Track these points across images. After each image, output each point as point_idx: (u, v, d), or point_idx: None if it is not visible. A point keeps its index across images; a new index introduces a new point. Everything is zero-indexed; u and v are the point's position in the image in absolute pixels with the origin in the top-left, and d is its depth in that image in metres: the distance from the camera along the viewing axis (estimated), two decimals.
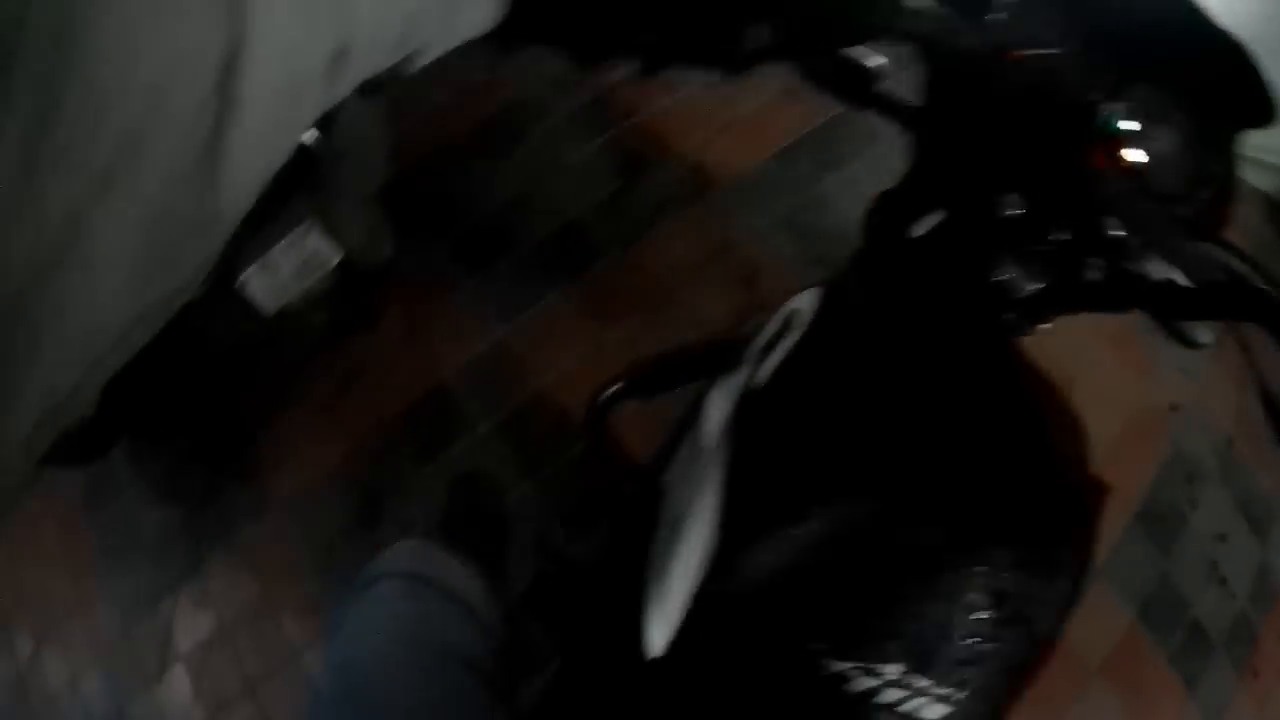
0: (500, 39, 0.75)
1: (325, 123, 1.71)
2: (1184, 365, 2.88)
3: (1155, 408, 2.81)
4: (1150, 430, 2.78)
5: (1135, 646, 2.58)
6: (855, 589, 0.91)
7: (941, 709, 0.90)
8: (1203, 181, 0.87)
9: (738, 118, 2.74)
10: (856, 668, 0.89)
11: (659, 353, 1.18)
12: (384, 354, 2.21)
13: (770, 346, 1.00)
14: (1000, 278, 0.88)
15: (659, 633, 0.91)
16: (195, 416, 2.11)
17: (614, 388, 1.20)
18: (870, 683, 0.89)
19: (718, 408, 0.99)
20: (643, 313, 2.29)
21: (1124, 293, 0.85)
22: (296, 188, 1.76)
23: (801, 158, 2.67)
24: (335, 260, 1.88)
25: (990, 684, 0.92)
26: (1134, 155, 0.84)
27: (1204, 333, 0.86)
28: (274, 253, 1.79)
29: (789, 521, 0.91)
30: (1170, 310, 0.84)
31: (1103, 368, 2.77)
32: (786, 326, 1.01)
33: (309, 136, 1.65)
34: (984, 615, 0.92)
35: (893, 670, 0.89)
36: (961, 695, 0.91)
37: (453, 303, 2.30)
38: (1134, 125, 0.85)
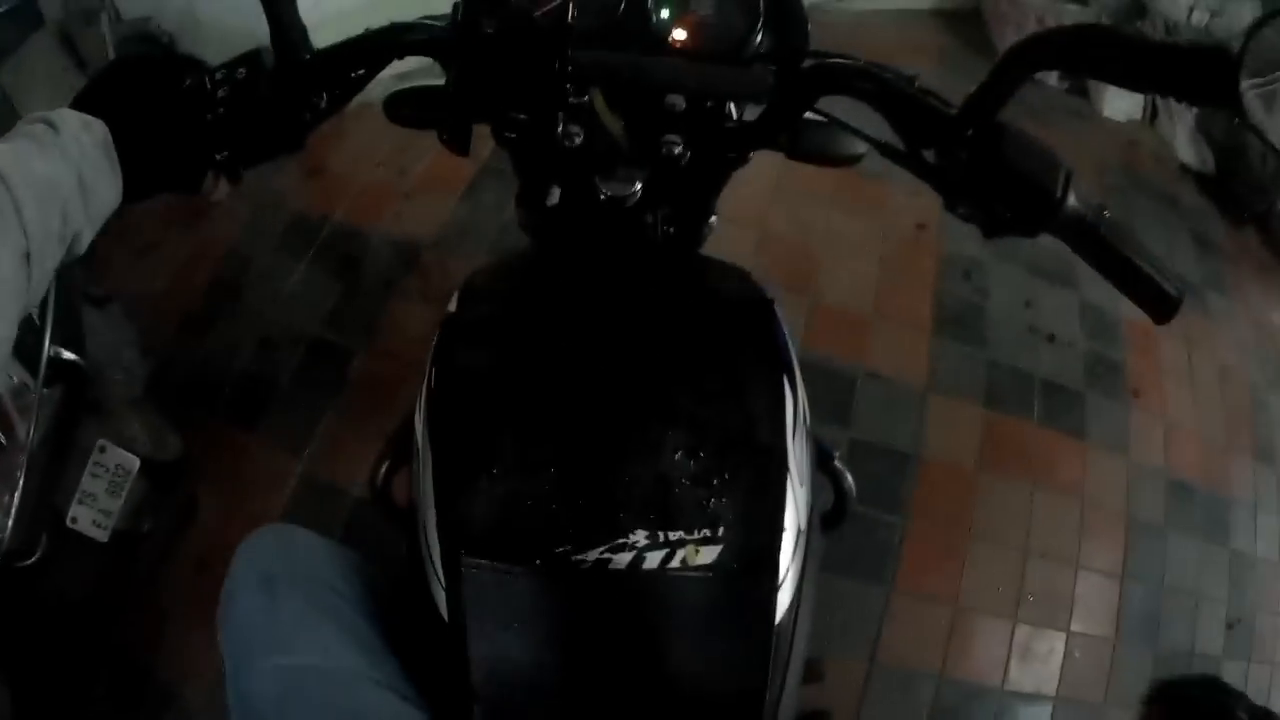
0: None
1: (78, 344, 1.87)
2: (914, 190, 3.05)
3: (905, 234, 2.96)
4: (910, 254, 2.93)
5: (1001, 431, 2.70)
6: (566, 484, 0.97)
7: (711, 551, 0.96)
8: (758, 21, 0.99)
9: (416, 178, 2.91)
10: (605, 550, 0.96)
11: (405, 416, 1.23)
12: (211, 537, 2.25)
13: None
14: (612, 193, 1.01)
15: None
16: (82, 663, 2.09)
17: (384, 465, 1.24)
18: (627, 557, 0.95)
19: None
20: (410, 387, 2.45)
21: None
22: (78, 414, 1.81)
23: (486, 190, 2.84)
24: (136, 465, 1.95)
25: (749, 510, 0.99)
26: (680, 33, 0.98)
27: (857, 144, 1.03)
28: (85, 482, 1.85)
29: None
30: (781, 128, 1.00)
31: (843, 217, 2.96)
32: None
33: (69, 358, 1.81)
34: (694, 453, 0.99)
35: (640, 537, 0.96)
36: (722, 531, 0.97)
37: (249, 463, 2.38)
38: (666, 10, 0.97)
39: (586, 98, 0.97)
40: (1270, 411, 3.29)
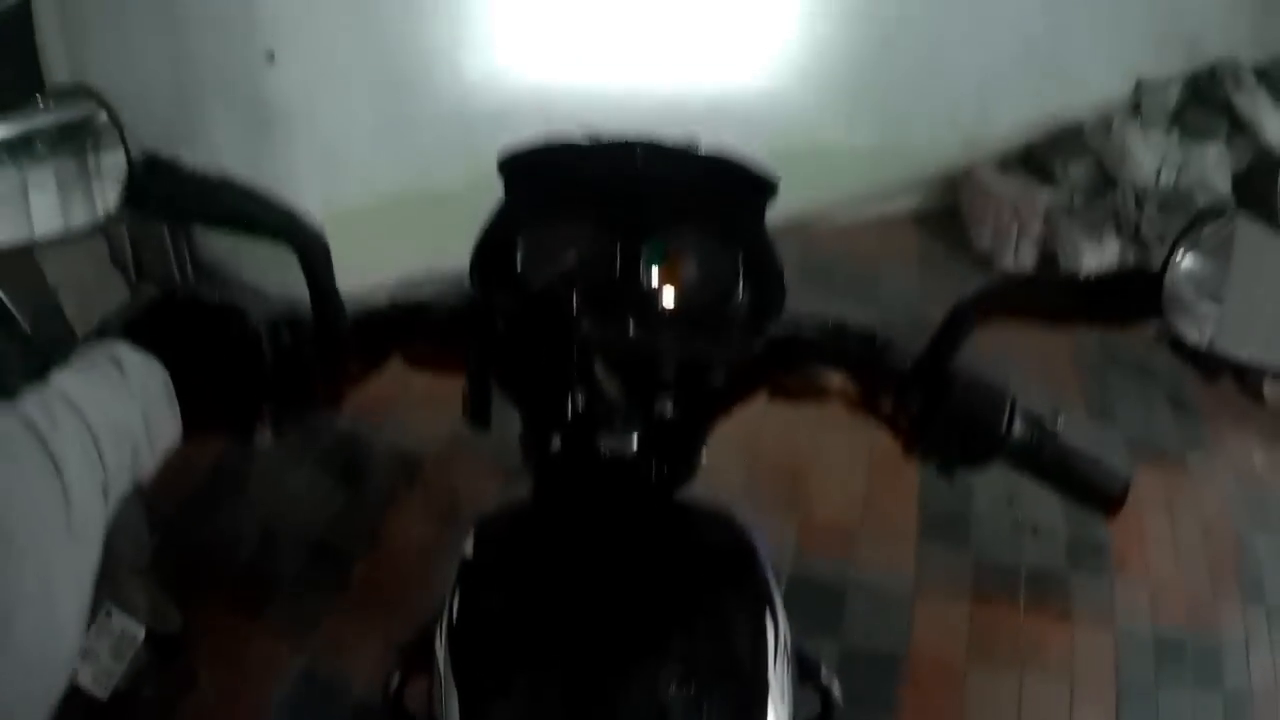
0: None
1: None
2: None
3: (889, 444, 3.25)
4: (894, 464, 3.21)
5: (988, 622, 2.96)
6: (575, 714, 1.09)
7: None
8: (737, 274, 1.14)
9: (419, 390, 3.19)
10: None
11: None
12: (209, 712, 2.39)
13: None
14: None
15: None
16: None
17: (396, 676, 1.30)
18: None
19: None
20: (412, 592, 2.59)
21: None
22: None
23: None
24: (141, 634, 2.04)
25: None
26: (668, 298, 1.13)
27: (832, 379, 1.16)
28: (89, 641, 1.93)
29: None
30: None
31: (829, 435, 3.15)
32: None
33: None
34: (686, 686, 1.09)
35: None
36: None
37: (249, 649, 2.52)
38: (655, 277, 1.13)
39: (590, 367, 1.08)
40: (1256, 551, 3.47)
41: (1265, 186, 4.76)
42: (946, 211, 4.54)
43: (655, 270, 1.13)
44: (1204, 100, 4.99)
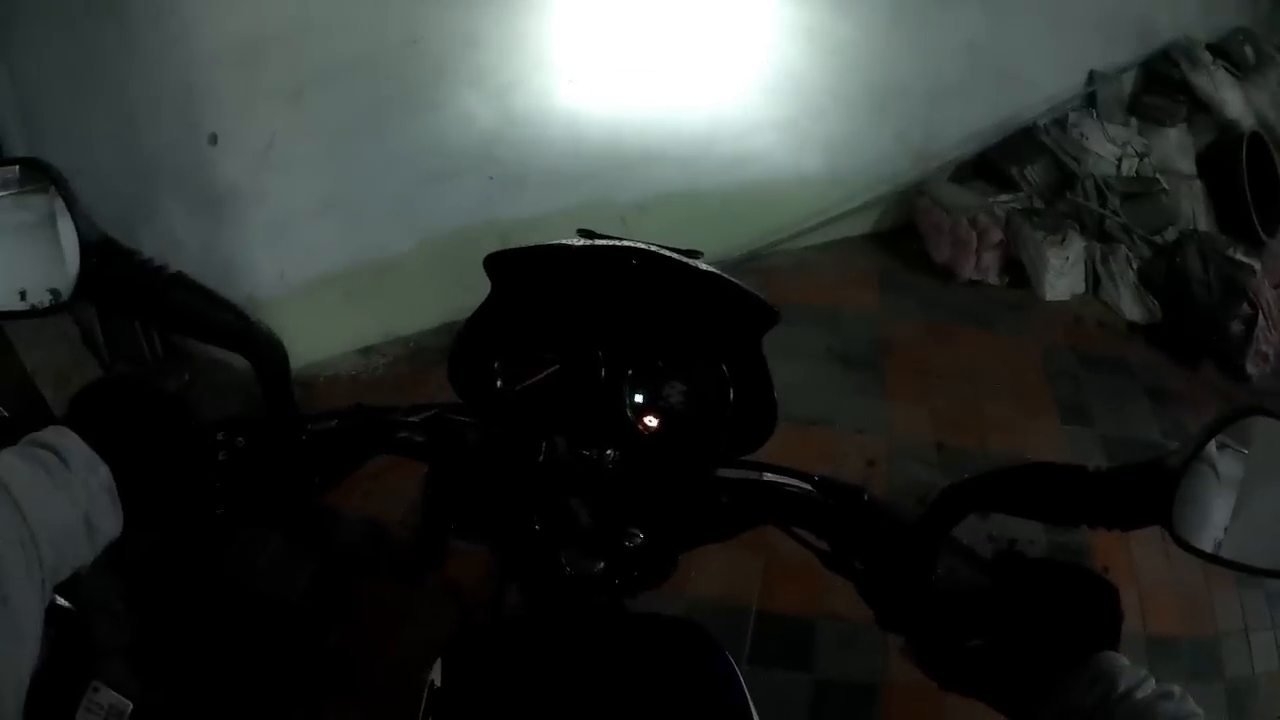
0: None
1: (69, 590, 2.00)
2: (860, 427, 3.43)
3: (856, 473, 3.25)
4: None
5: None
6: None
7: None
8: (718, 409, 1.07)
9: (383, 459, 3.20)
10: None
11: None
12: None
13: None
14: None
15: None
16: None
17: None
18: None
19: None
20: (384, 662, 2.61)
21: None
22: (72, 655, 1.74)
23: None
24: (129, 708, 1.85)
25: None
26: (650, 421, 1.07)
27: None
28: (79, 717, 1.78)
29: None
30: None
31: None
32: None
33: (63, 604, 1.95)
34: None
35: None
36: None
37: None
38: (641, 397, 1.06)
39: (562, 488, 1.06)
40: None
41: (1230, 161, 4.75)
42: (904, 229, 4.54)
43: (639, 394, 1.08)
44: (1160, 84, 5.00)
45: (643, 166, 3.76)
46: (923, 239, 4.39)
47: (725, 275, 1.07)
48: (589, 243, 1.09)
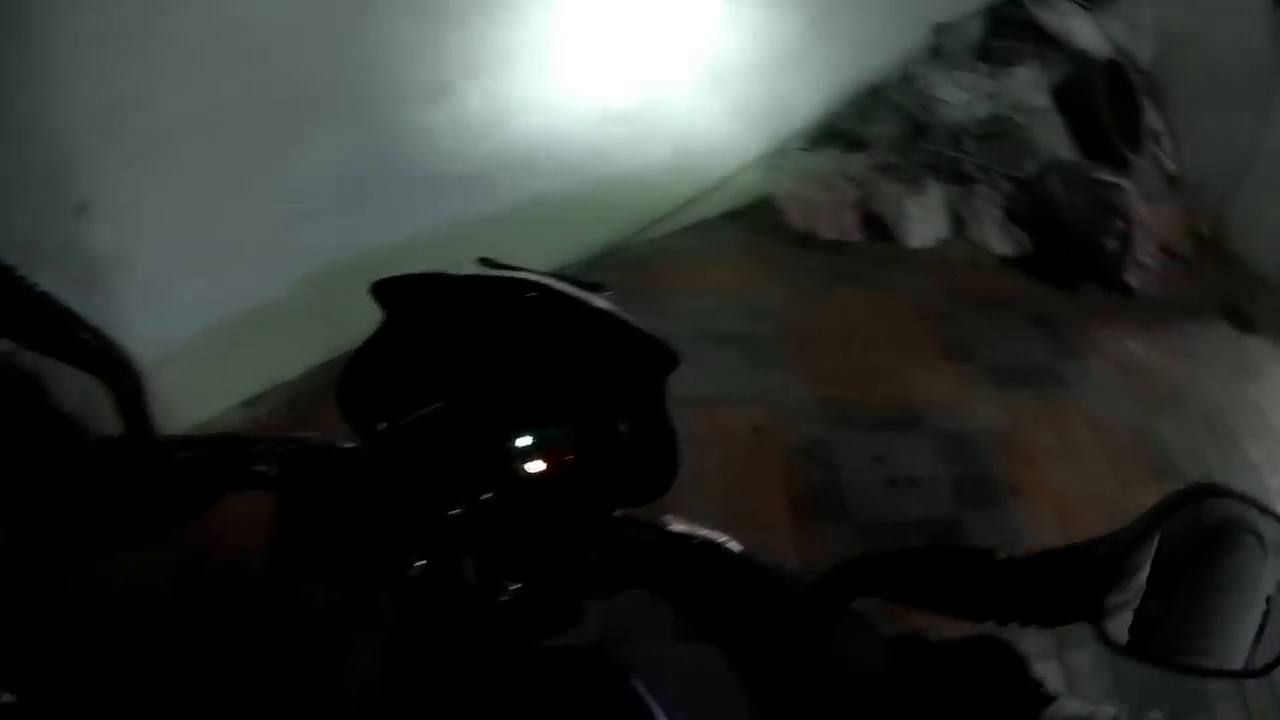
0: None
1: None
2: (741, 398, 3.39)
3: (742, 442, 3.26)
4: (752, 460, 3.23)
5: None
6: None
7: None
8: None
9: None
10: None
11: None
12: None
13: None
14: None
15: None
16: None
17: None
18: None
19: None
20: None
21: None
22: None
23: None
24: (8, 698, 2.12)
25: None
26: (534, 466, 1.00)
27: None
28: None
29: None
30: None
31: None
32: None
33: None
34: None
35: None
36: None
37: None
38: (528, 440, 0.99)
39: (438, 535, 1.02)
40: (1159, 435, 3.50)
41: (1086, 91, 4.82)
42: (761, 203, 4.53)
43: (525, 437, 1.01)
44: (1007, 26, 5.07)
45: (495, 178, 3.78)
46: (780, 210, 4.40)
47: (619, 315, 0.99)
48: (481, 272, 1.02)
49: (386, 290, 1.02)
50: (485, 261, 1.06)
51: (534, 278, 1.00)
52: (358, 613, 1.08)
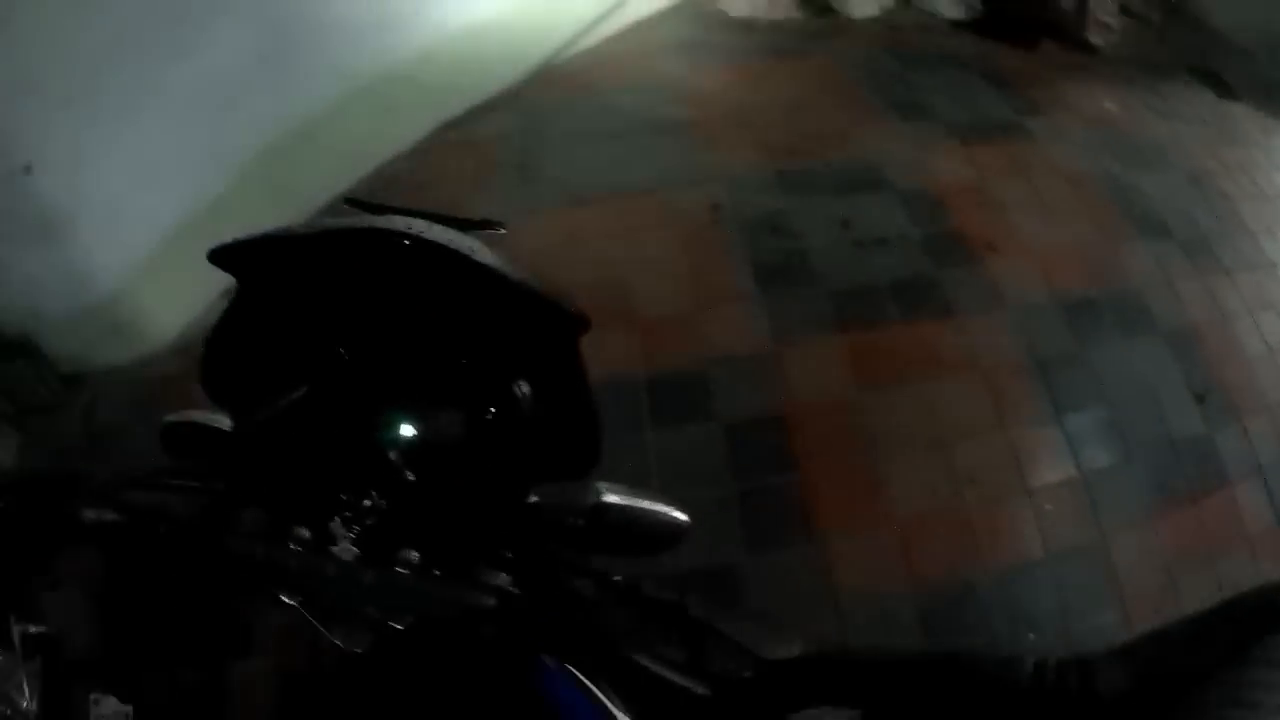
0: None
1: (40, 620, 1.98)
2: (694, 179, 3.18)
3: (701, 222, 3.06)
4: (713, 237, 3.02)
5: (866, 348, 2.72)
6: None
7: None
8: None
9: None
10: None
11: None
12: None
13: None
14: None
15: None
16: None
17: None
18: None
19: None
20: None
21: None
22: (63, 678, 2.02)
23: None
24: (130, 710, 2.12)
25: None
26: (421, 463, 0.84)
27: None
28: None
29: None
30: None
31: (637, 236, 3.03)
32: None
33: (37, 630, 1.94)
34: None
35: None
36: None
37: None
38: (410, 430, 0.85)
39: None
40: (1142, 190, 3.31)
41: None
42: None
43: (406, 425, 0.84)
44: None
45: (412, 21, 3.71)
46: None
47: (513, 275, 0.80)
48: (336, 224, 0.83)
49: (230, 256, 0.84)
50: (353, 203, 0.90)
51: (405, 227, 0.80)
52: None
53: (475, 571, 0.87)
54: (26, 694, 1.52)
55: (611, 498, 0.87)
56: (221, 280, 0.87)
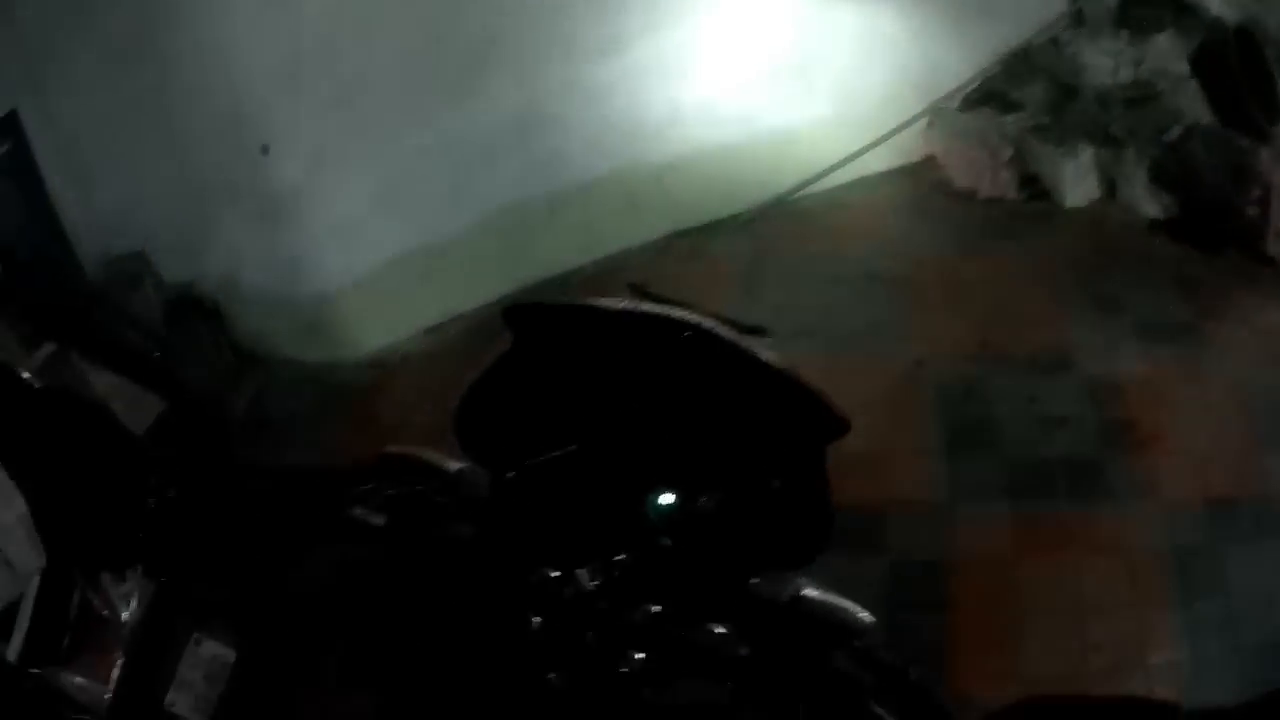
0: None
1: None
2: (903, 335, 3.62)
3: (903, 375, 3.49)
4: (911, 391, 3.46)
5: (1031, 518, 3.07)
6: None
7: None
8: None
9: None
10: None
11: None
12: None
13: None
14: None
15: None
16: None
17: None
18: None
19: None
20: None
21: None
22: (172, 609, 1.82)
23: None
24: (233, 657, 1.99)
25: None
26: (676, 531, 0.90)
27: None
28: (182, 671, 1.89)
29: None
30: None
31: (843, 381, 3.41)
32: None
33: None
34: None
35: None
36: None
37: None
38: (670, 499, 0.88)
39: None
40: None
41: (1220, 59, 4.86)
42: (922, 162, 4.73)
43: (666, 495, 0.90)
44: None
45: (667, 129, 4.00)
46: (942, 167, 4.60)
47: (794, 375, 0.89)
48: (630, 306, 0.91)
49: (518, 315, 0.90)
50: (635, 289, 0.97)
51: (690, 317, 0.89)
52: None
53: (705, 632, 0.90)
54: (131, 606, 1.58)
55: (811, 591, 0.94)
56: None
